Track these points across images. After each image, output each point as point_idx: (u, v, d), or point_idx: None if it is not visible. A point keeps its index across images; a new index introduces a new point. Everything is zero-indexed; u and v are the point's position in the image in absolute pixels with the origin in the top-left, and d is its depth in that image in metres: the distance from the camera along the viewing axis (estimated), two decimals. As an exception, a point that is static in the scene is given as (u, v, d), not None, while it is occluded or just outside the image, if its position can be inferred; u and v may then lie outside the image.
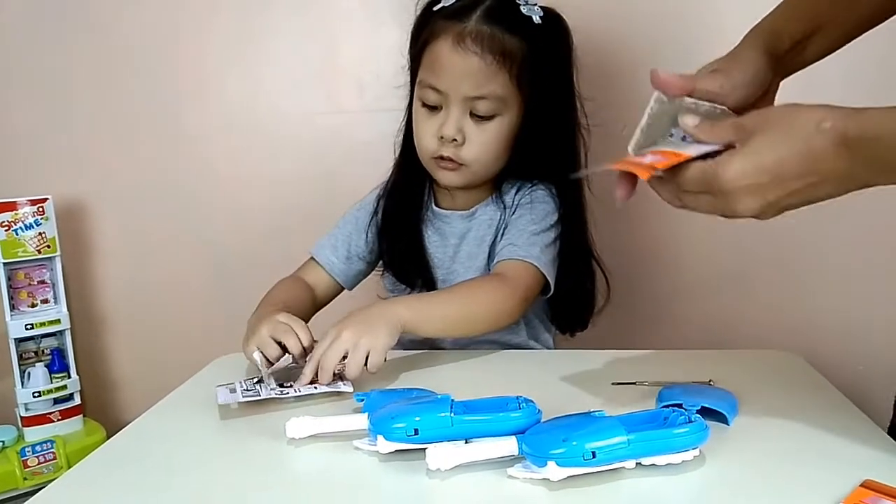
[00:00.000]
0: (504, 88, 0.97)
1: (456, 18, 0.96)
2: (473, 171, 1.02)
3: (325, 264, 1.11)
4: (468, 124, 0.98)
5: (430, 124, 1.00)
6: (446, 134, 0.98)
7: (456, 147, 0.99)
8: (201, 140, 1.54)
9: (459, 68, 0.95)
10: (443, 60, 0.96)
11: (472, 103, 0.97)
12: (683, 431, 0.60)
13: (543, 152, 1.04)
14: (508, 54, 0.95)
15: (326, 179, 1.49)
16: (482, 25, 0.95)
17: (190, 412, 0.79)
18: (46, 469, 1.43)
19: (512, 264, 0.99)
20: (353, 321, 0.84)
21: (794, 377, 0.87)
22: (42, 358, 1.53)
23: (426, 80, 0.99)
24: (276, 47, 1.49)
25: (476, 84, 0.96)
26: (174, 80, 1.52)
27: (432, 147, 1.00)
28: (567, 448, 0.58)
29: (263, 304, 1.00)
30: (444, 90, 0.97)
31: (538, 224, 1.03)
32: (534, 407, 0.66)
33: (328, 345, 0.82)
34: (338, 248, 1.12)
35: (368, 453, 0.66)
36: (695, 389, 0.76)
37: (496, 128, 0.99)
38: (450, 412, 0.64)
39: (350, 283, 1.14)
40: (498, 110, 0.98)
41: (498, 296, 0.95)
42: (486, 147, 1.00)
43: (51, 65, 1.54)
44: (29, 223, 1.46)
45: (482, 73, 0.95)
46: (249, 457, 0.68)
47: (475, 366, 0.93)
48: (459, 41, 0.95)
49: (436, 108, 0.99)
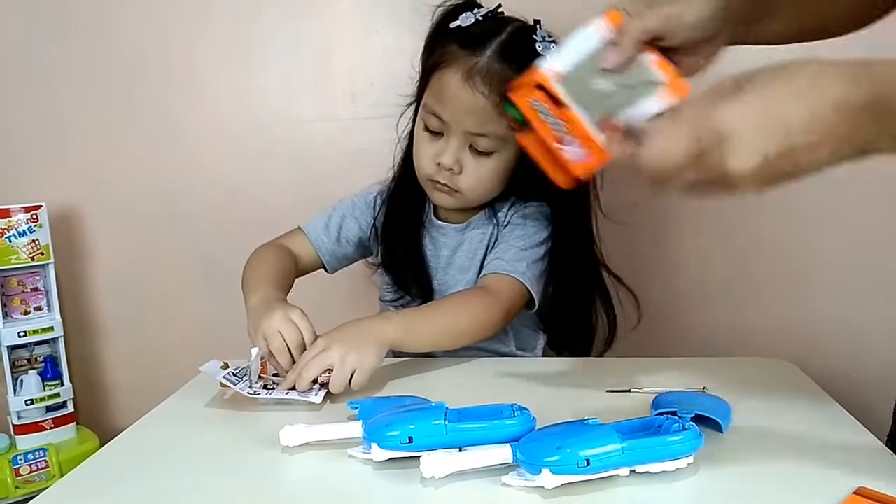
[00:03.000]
0: (506, 129, 0.96)
1: (470, 49, 0.95)
2: (467, 198, 1.03)
3: (314, 241, 1.12)
4: (466, 156, 0.99)
5: (429, 148, 1.00)
6: (444, 163, 0.99)
7: (452, 175, 1.00)
8: (195, 147, 1.54)
9: (465, 104, 0.95)
10: (450, 91, 0.96)
11: (472, 138, 0.98)
12: (677, 439, 0.60)
13: (542, 181, 1.04)
14: None
15: (319, 186, 1.48)
16: (494, 63, 0.94)
17: (183, 420, 0.79)
18: (39, 477, 1.42)
19: (496, 278, 1.01)
20: (344, 337, 0.85)
21: (787, 385, 0.87)
22: (35, 365, 1.52)
23: (431, 105, 0.99)
24: (268, 53, 1.49)
25: (479, 122, 0.96)
26: (168, 86, 1.52)
27: (429, 171, 1.01)
28: (561, 456, 0.58)
29: (258, 279, 0.99)
30: (447, 120, 0.97)
31: (527, 240, 1.04)
32: (528, 415, 0.66)
33: (314, 356, 0.82)
34: (330, 228, 1.13)
35: (362, 461, 0.65)
36: (689, 397, 0.76)
37: (494, 163, 1.00)
38: (444, 420, 0.64)
39: (333, 266, 1.15)
40: (497, 147, 0.99)
41: (481, 308, 0.97)
42: (481, 180, 1.01)
43: (44, 70, 1.53)
44: (22, 230, 1.45)
45: (487, 113, 0.95)
46: (243, 465, 0.67)
47: (469, 373, 0.93)
48: (469, 77, 0.94)
49: (438, 134, 1.00)
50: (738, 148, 0.53)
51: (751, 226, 1.39)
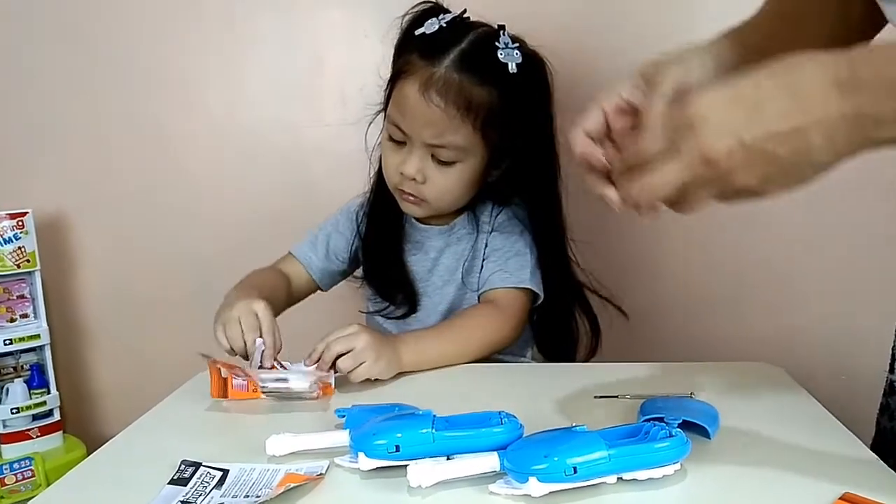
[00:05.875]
0: (466, 139, 0.96)
1: (429, 59, 0.95)
2: (435, 207, 1.03)
3: (303, 260, 1.13)
4: (429, 166, 0.98)
5: (394, 157, 1.00)
6: (406, 172, 0.98)
7: (417, 184, 0.99)
8: (183, 152, 1.53)
9: (422, 116, 0.95)
10: (408, 103, 0.95)
11: (433, 149, 0.97)
12: (664, 446, 0.60)
13: (515, 186, 1.05)
14: (475, 107, 0.95)
15: (309, 191, 1.48)
16: (452, 73, 0.94)
17: (171, 429, 0.79)
18: (24, 487, 1.41)
19: (504, 293, 1.02)
20: (373, 336, 0.87)
21: (775, 389, 0.87)
22: (21, 373, 1.51)
23: (392, 116, 0.99)
24: (258, 58, 1.48)
25: (437, 134, 0.96)
26: (157, 91, 1.51)
27: (395, 180, 1.01)
28: (548, 464, 0.57)
29: (243, 287, 1.00)
30: (406, 131, 0.97)
31: (521, 244, 1.05)
32: (516, 422, 0.66)
33: (345, 335, 0.86)
34: (317, 246, 1.14)
35: (349, 470, 0.65)
36: (676, 402, 0.76)
37: (457, 173, 0.99)
38: (431, 428, 0.64)
39: (326, 283, 1.15)
40: (459, 157, 0.98)
41: (494, 326, 0.98)
42: (446, 189, 1.01)
43: (31, 75, 1.52)
44: (8, 237, 1.44)
45: (443, 125, 0.95)
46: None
47: (457, 380, 0.93)
48: (426, 89, 0.94)
49: (401, 143, 0.99)
50: (708, 130, 0.51)
51: (737, 232, 1.39)
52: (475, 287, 1.08)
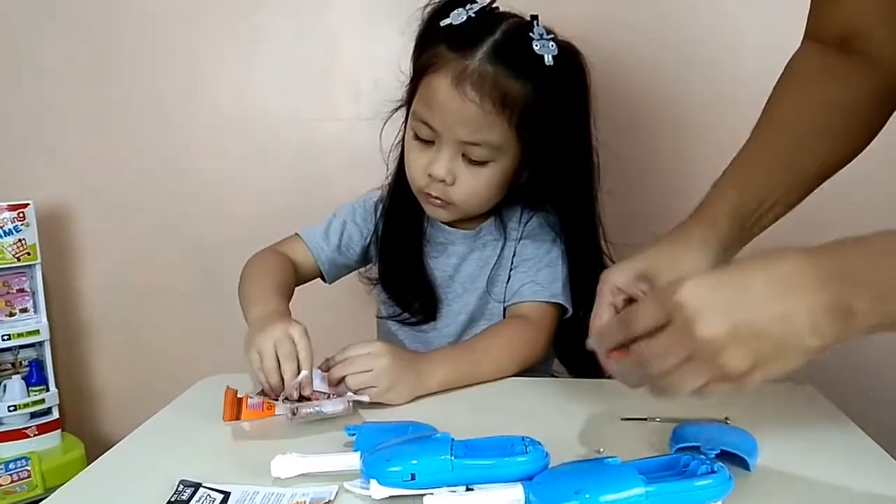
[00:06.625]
0: (501, 137, 0.90)
1: (460, 51, 0.89)
2: (462, 210, 0.97)
3: (313, 249, 1.07)
4: (459, 166, 0.93)
5: (420, 158, 0.94)
6: (435, 174, 0.92)
7: (445, 186, 0.93)
8: (189, 144, 1.49)
9: (455, 112, 0.89)
10: (439, 99, 0.89)
11: (465, 147, 0.91)
12: (706, 483, 0.55)
13: (547, 190, 0.99)
14: (510, 102, 0.89)
15: (320, 188, 1.44)
16: (486, 66, 0.88)
17: (169, 443, 0.75)
18: (20, 488, 1.37)
19: (535, 307, 0.98)
20: (397, 358, 0.83)
21: (810, 412, 0.82)
22: (19, 370, 1.47)
23: (420, 113, 0.92)
24: (269, 50, 1.44)
25: (471, 131, 0.90)
26: (161, 81, 1.47)
27: (421, 182, 0.95)
28: (579, 501, 0.52)
29: (260, 290, 0.93)
30: (437, 129, 0.91)
31: (552, 254, 1.01)
32: (541, 450, 0.61)
33: (365, 354, 0.82)
34: (330, 235, 1.07)
35: (360, 497, 0.60)
36: (711, 429, 0.71)
37: (489, 173, 0.94)
38: (450, 454, 0.59)
39: (332, 275, 1.09)
40: (492, 157, 0.92)
41: (526, 343, 0.95)
42: (476, 191, 0.95)
43: (33, 64, 1.49)
44: (8, 229, 1.40)
45: (478, 121, 0.89)
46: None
47: (474, 395, 0.88)
48: (458, 83, 0.88)
49: (429, 143, 0.93)
50: (700, 321, 0.52)
51: (765, 244, 1.34)
52: (500, 298, 1.02)
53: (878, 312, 0.51)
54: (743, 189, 0.74)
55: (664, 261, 0.69)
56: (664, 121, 1.34)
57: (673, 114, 1.33)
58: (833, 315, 0.51)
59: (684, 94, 1.32)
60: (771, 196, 0.73)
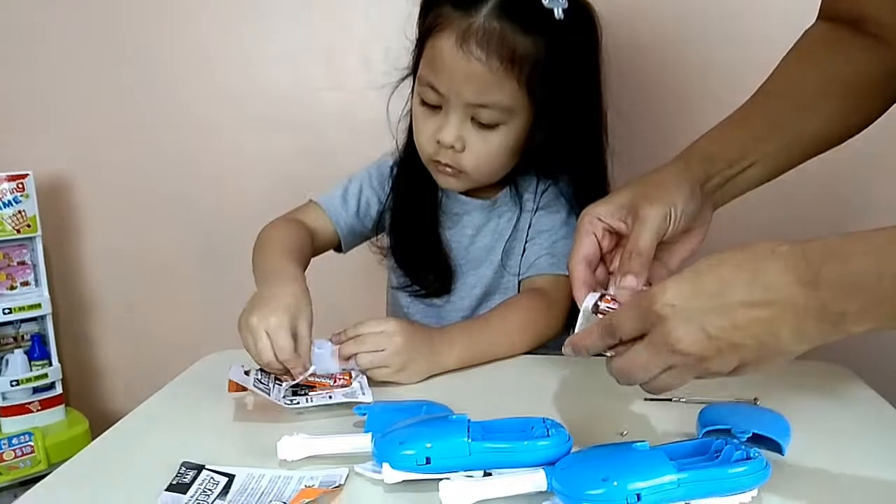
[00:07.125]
0: (511, 97, 0.86)
1: (464, 8, 0.84)
2: (474, 178, 0.93)
3: (332, 216, 1.02)
4: (469, 130, 0.88)
5: (428, 125, 0.90)
6: (444, 140, 0.88)
7: (455, 153, 0.89)
8: (193, 115, 1.46)
9: (461, 72, 0.84)
10: (444, 60, 0.85)
11: (473, 110, 0.87)
12: (741, 470, 0.52)
13: (561, 154, 0.95)
14: (519, 59, 0.84)
15: (329, 159, 1.40)
16: (492, 22, 0.83)
17: (171, 422, 0.72)
18: (24, 463, 1.36)
19: (553, 280, 0.95)
20: (411, 337, 0.80)
21: (845, 394, 0.78)
22: (21, 344, 1.46)
23: (426, 77, 0.88)
24: (276, 17, 1.39)
25: (478, 92, 0.85)
26: (165, 51, 1.43)
27: (430, 150, 0.91)
28: (607, 489, 0.49)
29: (275, 257, 0.88)
30: (443, 92, 0.86)
31: (567, 225, 0.97)
32: (564, 433, 0.57)
33: (379, 332, 0.80)
34: (348, 201, 1.03)
35: (372, 481, 0.57)
36: (741, 410, 0.67)
37: (500, 137, 0.89)
38: (467, 437, 0.56)
39: (349, 244, 1.05)
40: (502, 119, 0.88)
41: (543, 317, 0.92)
42: (487, 157, 0.90)
43: (32, 34, 1.45)
44: (7, 200, 1.37)
45: (486, 81, 0.84)
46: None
47: (490, 372, 0.85)
48: (463, 41, 0.83)
49: (436, 108, 0.89)
50: (676, 328, 0.52)
51: (796, 231, 1.29)
52: (515, 271, 0.99)
53: (873, 318, 0.49)
54: (721, 143, 0.73)
55: (641, 194, 0.69)
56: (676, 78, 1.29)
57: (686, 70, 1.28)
58: (820, 320, 0.50)
59: (698, 52, 1.27)
60: (751, 154, 0.72)
